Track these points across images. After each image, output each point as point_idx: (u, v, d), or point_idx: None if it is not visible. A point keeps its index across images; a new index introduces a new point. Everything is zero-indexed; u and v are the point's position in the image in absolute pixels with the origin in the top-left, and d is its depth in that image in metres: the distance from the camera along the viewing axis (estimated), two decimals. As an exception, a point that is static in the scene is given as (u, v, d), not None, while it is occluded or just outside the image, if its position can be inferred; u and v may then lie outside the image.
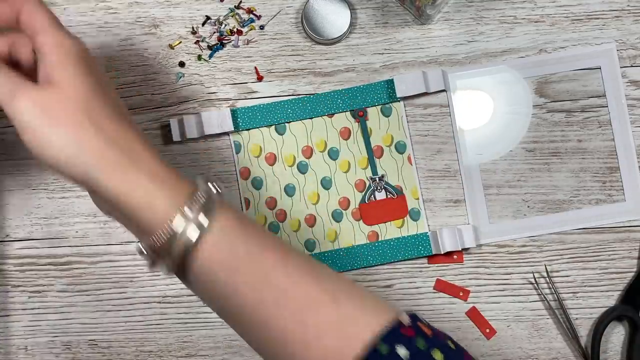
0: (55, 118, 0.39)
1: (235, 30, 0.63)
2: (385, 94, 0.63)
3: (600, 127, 0.63)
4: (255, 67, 0.64)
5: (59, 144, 0.39)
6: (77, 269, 0.62)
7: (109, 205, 0.41)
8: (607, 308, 0.62)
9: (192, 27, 0.64)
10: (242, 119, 0.62)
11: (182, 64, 0.63)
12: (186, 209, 0.39)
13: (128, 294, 0.62)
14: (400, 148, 0.63)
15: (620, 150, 0.63)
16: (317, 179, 0.63)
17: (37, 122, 0.39)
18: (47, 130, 0.39)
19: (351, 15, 0.62)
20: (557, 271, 0.62)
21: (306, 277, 0.41)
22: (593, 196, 0.63)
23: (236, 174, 0.63)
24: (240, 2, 0.64)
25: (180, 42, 0.64)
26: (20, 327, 0.62)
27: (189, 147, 0.63)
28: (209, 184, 0.41)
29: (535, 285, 0.62)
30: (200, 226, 0.39)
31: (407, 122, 0.63)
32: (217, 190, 0.41)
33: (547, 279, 0.62)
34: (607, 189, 0.63)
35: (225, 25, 0.64)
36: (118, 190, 0.39)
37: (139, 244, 0.41)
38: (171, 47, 0.64)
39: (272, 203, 0.63)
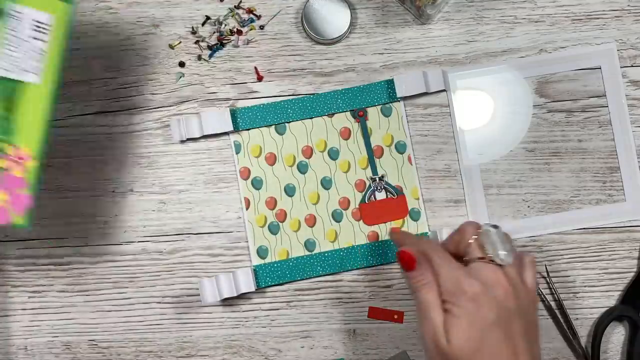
0: None
1: (235, 30, 0.63)
2: (385, 93, 0.63)
3: (600, 127, 0.63)
4: (255, 67, 0.63)
5: None
6: (77, 269, 0.62)
7: None
8: (607, 308, 0.62)
9: (192, 27, 0.64)
10: (242, 119, 0.62)
11: (182, 64, 0.63)
12: None
13: (128, 294, 0.62)
14: (401, 148, 0.63)
15: (621, 150, 0.63)
16: (317, 179, 0.63)
17: None
18: None
19: (351, 15, 0.62)
20: (557, 271, 0.62)
21: None
22: (593, 196, 0.63)
23: (236, 174, 0.63)
24: (240, 2, 0.64)
25: (180, 42, 0.64)
26: (20, 327, 0.62)
27: (189, 147, 0.63)
28: None
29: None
30: None
31: (407, 122, 0.63)
32: None
33: (547, 279, 0.62)
34: (607, 189, 0.63)
35: (225, 25, 0.64)
36: None
37: None
38: (171, 47, 0.64)
39: (272, 203, 0.63)
